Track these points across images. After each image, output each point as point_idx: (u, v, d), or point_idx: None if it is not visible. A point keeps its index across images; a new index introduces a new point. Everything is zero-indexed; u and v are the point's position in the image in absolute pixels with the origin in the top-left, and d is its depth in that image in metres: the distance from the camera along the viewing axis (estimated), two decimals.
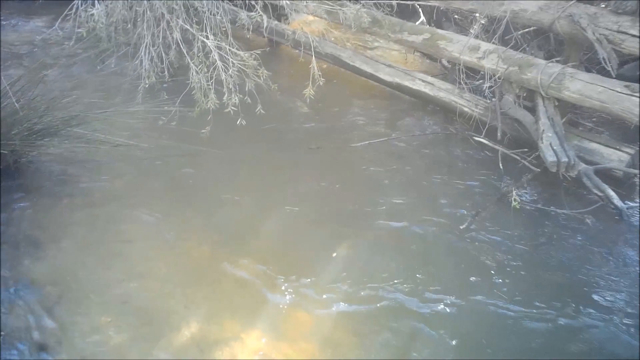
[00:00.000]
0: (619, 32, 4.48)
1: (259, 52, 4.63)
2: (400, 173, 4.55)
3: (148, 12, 5.16)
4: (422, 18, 6.57)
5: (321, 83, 4.67)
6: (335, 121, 5.27)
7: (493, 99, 4.96)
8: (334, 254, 3.69)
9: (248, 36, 5.34)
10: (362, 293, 3.40)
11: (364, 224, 3.97)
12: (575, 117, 5.20)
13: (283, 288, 3.39)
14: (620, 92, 4.32)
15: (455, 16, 6.56)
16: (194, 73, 4.66)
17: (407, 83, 5.58)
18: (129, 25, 5.43)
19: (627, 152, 4.53)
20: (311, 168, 4.54)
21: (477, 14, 5.65)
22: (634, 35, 4.42)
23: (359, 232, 3.88)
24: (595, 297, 3.54)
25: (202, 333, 3.08)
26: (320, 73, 4.66)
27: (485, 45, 5.07)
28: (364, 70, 5.89)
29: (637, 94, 4.25)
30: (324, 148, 4.77)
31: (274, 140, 4.87)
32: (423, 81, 5.52)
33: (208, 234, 3.77)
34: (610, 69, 4.46)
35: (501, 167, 4.50)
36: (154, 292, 3.34)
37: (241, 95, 4.50)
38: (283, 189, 4.25)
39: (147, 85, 4.91)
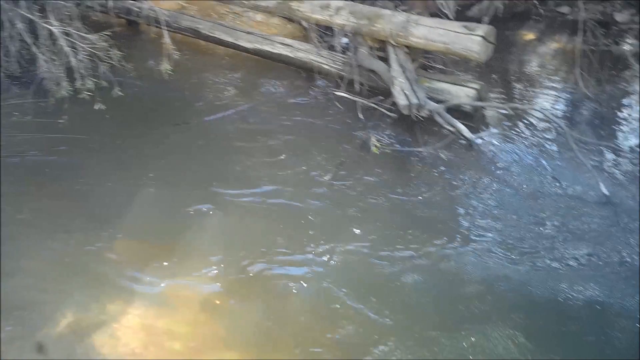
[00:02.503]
0: None
1: (108, 33, 4.51)
2: (265, 137, 4.64)
3: None
4: None
5: (177, 57, 4.65)
6: (200, 94, 5.24)
7: (349, 53, 5.15)
8: (207, 227, 3.72)
9: (94, 18, 5.19)
10: (237, 260, 3.46)
11: (232, 194, 4.01)
12: (427, 61, 5.49)
13: (159, 265, 3.39)
14: (459, 33, 4.63)
15: None
16: (43, 62, 4.49)
17: (267, 48, 5.66)
18: None
19: (473, 88, 4.89)
20: (178, 145, 4.51)
21: None
22: None
23: (229, 204, 3.92)
24: (459, 227, 3.83)
25: (79, 319, 3.04)
26: (174, 47, 4.63)
27: (335, 3, 5.21)
28: (225, 40, 5.89)
29: (475, 33, 4.58)
30: (190, 122, 4.77)
31: (137, 120, 4.78)
32: (282, 44, 5.62)
33: (77, 222, 3.68)
34: (447, 12, 4.77)
35: (361, 116, 4.72)
36: (26, 289, 3.25)
37: (95, 80, 4.40)
38: (150, 169, 4.20)
39: None
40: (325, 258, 3.51)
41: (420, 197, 4.08)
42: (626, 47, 6.13)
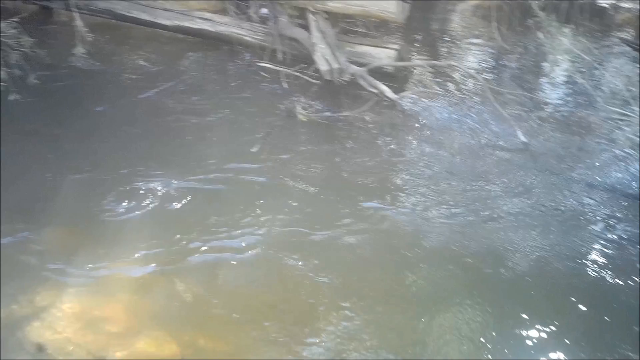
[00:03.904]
0: None
1: (17, 19, 4.35)
2: (191, 114, 4.57)
3: None
4: None
5: (93, 40, 4.54)
6: (121, 76, 5.10)
7: (269, 23, 5.13)
8: (137, 212, 3.62)
9: (4, 5, 4.97)
10: (171, 242, 3.41)
11: (161, 176, 3.91)
12: (348, 25, 5.53)
13: (88, 252, 3.31)
14: None
15: None
16: None
17: (187, 24, 5.56)
18: None
19: (393, 49, 4.98)
20: (101, 130, 4.36)
21: None
22: None
23: (158, 187, 3.82)
24: (393, 188, 3.90)
25: (8, 311, 2.96)
26: (88, 29, 4.50)
27: None
28: (143, 19, 5.73)
29: None
30: (112, 105, 4.64)
31: (56, 107, 4.58)
32: (202, 19, 5.53)
33: None
34: None
35: (286, 85, 4.74)
36: None
37: (8, 69, 4.24)
38: (72, 157, 4.06)
39: None
40: (263, 231, 3.51)
41: (351, 161, 4.13)
42: None
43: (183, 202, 3.73)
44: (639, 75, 5.13)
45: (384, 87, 4.63)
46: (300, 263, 3.32)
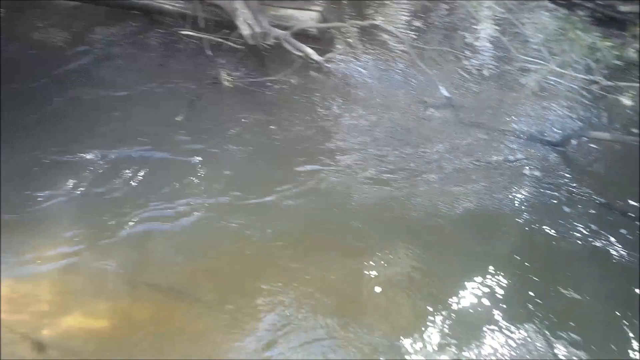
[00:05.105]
0: None
1: None
2: (112, 89, 4.41)
3: None
4: None
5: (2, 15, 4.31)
6: (36, 51, 4.85)
7: None
8: (62, 195, 3.53)
9: None
10: (100, 223, 3.36)
11: (88, 152, 3.81)
12: None
13: (12, 237, 3.24)
14: None
15: None
16: None
17: None
18: None
19: (316, 11, 4.96)
20: (21, 110, 4.15)
21: None
22: None
23: (83, 166, 3.72)
24: (327, 151, 3.93)
25: None
26: None
27: None
28: None
29: None
30: (30, 84, 4.39)
31: None
32: None
33: None
34: None
35: (210, 53, 4.65)
36: None
37: None
38: (14, 136, 3.92)
39: None
40: (197, 200, 3.51)
41: (280, 127, 4.13)
42: None
43: (112, 179, 3.66)
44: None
45: (309, 50, 4.62)
46: (236, 229, 3.34)
